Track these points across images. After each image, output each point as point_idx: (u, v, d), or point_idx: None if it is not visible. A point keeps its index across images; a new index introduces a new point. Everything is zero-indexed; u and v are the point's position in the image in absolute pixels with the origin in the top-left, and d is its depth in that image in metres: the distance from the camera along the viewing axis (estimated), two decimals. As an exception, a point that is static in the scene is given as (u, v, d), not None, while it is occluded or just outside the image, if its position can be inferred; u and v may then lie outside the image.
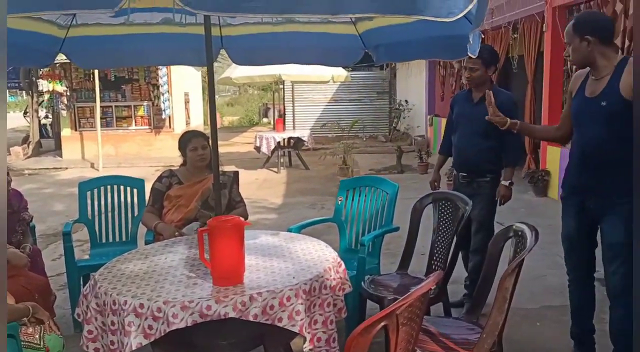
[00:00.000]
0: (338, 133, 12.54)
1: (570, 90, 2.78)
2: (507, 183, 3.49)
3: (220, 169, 3.49)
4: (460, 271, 3.75)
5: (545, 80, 7.44)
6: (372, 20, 3.18)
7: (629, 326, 2.51)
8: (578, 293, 2.88)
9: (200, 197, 3.22)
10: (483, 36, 2.93)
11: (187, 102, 14.03)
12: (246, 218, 3.26)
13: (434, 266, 3.10)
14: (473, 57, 2.82)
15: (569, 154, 2.80)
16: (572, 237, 2.79)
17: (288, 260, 2.42)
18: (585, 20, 2.59)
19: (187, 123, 13.90)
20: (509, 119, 2.98)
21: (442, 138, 3.91)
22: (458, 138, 3.64)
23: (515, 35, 8.42)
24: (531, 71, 8.24)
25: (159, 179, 3.31)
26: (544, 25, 7.33)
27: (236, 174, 3.40)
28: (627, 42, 5.64)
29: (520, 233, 2.26)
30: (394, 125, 15.53)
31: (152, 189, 3.29)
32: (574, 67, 6.94)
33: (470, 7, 1.86)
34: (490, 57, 3.49)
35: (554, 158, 7.22)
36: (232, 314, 1.99)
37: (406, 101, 14.82)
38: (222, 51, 3.56)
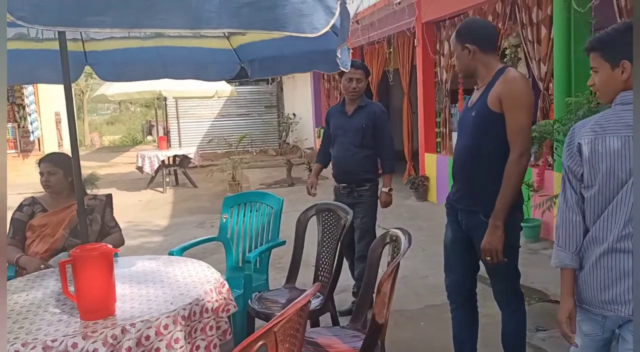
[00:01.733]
0: (227, 149, 12.35)
1: None
2: (387, 190, 3.67)
3: (91, 192, 3.28)
4: (350, 279, 3.83)
5: (419, 92, 7.91)
6: (245, 35, 3.17)
7: (509, 330, 2.57)
8: (458, 322, 2.70)
9: (69, 225, 2.97)
10: (351, 50, 3.03)
11: (58, 122, 13.06)
12: (122, 244, 3.07)
13: (320, 277, 3.11)
14: (345, 70, 2.89)
15: None
16: (447, 247, 2.67)
17: (166, 286, 2.30)
18: (466, 28, 2.45)
19: (60, 144, 12.93)
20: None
21: (319, 149, 4.01)
22: (336, 150, 3.75)
23: (391, 50, 8.88)
24: (406, 83, 8.73)
25: (19, 207, 3.02)
26: (415, 40, 7.80)
27: (109, 197, 3.18)
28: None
29: (395, 238, 2.33)
30: (283, 138, 15.65)
31: (12, 219, 2.99)
32: (444, 78, 7.50)
33: (332, 21, 1.89)
34: (368, 69, 3.70)
35: (431, 164, 7.68)
36: (102, 350, 1.83)
37: (294, 114, 15.03)
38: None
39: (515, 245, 2.46)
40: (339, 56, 2.52)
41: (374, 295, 2.20)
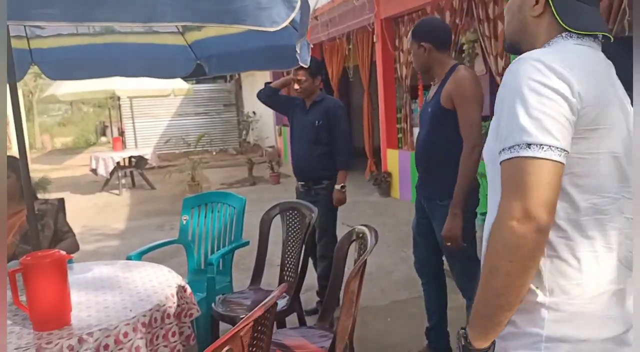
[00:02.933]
0: (185, 149, 12.11)
1: None
2: (339, 187, 3.55)
3: (42, 197, 3.14)
4: (315, 278, 3.79)
5: (380, 88, 7.94)
6: (200, 31, 3.08)
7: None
8: (428, 294, 2.93)
9: (19, 231, 2.82)
10: (312, 47, 2.98)
11: (6, 124, 12.52)
12: (77, 249, 2.94)
13: (286, 277, 3.06)
14: (305, 66, 2.85)
15: None
16: (414, 229, 2.89)
17: (124, 292, 2.20)
18: (422, 27, 2.63)
19: (9, 148, 12.39)
20: None
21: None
22: (294, 147, 3.70)
23: (350, 46, 8.88)
24: (366, 80, 8.75)
25: (-36, 214, 2.84)
26: (374, 36, 7.82)
27: (61, 201, 3.04)
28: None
29: (361, 235, 2.31)
30: (243, 137, 15.47)
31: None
32: (404, 74, 7.54)
33: (293, 15, 1.84)
34: (315, 68, 3.56)
35: (394, 160, 7.72)
36: (57, 362, 1.74)
37: (254, 112, 14.87)
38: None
39: (468, 229, 2.56)
40: (299, 52, 2.47)
41: (342, 293, 2.17)
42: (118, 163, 9.42)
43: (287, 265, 3.06)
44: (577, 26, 1.11)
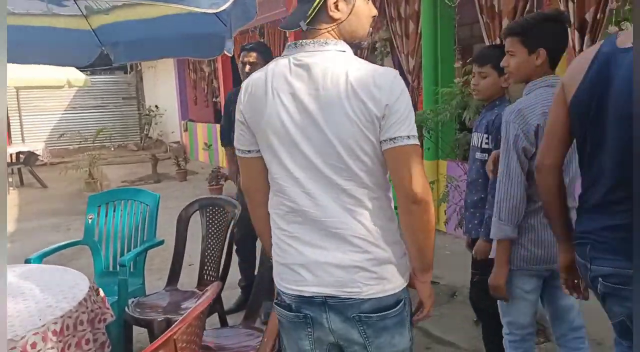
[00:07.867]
0: (81, 144, 11.31)
1: None
2: None
3: None
4: (232, 276, 3.66)
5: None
6: (108, 14, 2.84)
7: None
8: None
9: None
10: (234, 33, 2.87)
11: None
12: None
13: (206, 276, 2.93)
14: (228, 54, 2.74)
15: None
16: None
17: (29, 298, 1.99)
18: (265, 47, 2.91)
19: None
20: None
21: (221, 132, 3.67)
22: None
23: (262, 40, 8.75)
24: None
25: None
26: (287, 31, 7.76)
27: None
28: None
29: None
30: (145, 132, 14.74)
31: None
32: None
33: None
34: (264, 51, 3.23)
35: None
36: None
37: (157, 106, 14.21)
38: None
39: None
40: (231, 38, 2.38)
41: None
42: (4, 159, 8.58)
43: (208, 264, 2.93)
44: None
